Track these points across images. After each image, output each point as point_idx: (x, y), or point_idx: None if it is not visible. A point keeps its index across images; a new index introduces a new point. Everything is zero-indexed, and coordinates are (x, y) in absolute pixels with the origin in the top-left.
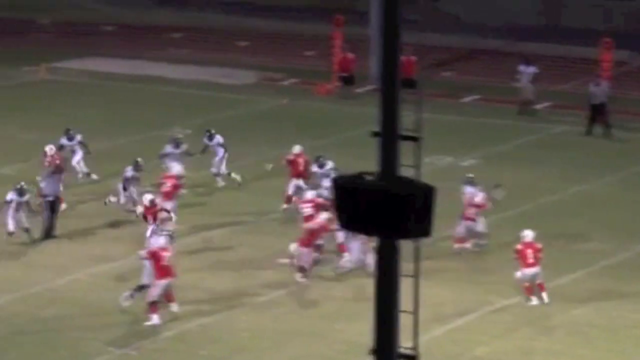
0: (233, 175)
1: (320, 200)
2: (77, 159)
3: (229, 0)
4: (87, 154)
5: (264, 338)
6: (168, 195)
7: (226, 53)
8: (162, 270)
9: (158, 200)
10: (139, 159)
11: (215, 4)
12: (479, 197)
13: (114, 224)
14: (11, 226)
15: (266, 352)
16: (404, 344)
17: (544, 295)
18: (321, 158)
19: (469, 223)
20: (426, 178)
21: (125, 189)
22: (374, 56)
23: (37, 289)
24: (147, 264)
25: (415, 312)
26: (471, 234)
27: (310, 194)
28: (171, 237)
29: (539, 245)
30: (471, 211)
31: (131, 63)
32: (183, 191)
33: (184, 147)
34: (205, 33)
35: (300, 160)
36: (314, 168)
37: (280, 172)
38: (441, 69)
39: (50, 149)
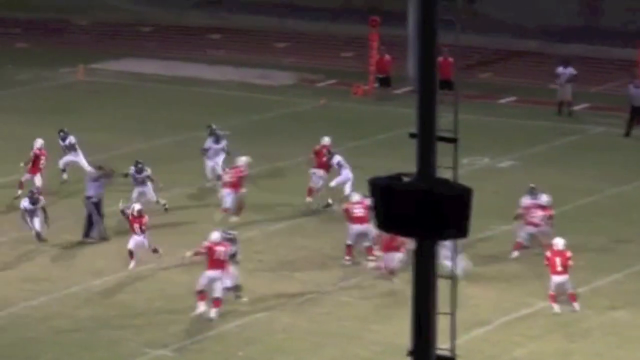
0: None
1: (369, 201)
2: (66, 159)
3: (266, 2)
4: (75, 153)
5: (301, 339)
6: (234, 186)
7: (264, 54)
8: (213, 263)
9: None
10: (139, 160)
11: (252, 5)
12: (544, 198)
13: (151, 226)
14: (34, 230)
15: (303, 353)
16: (442, 345)
17: (575, 304)
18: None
19: (530, 228)
20: (463, 179)
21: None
22: (411, 57)
23: (74, 289)
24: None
25: (452, 314)
26: (534, 238)
27: (357, 196)
28: (234, 239)
29: (568, 254)
30: (536, 214)
31: (168, 64)
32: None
33: (224, 142)
34: (242, 34)
35: (325, 152)
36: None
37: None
38: (478, 70)
39: (36, 142)
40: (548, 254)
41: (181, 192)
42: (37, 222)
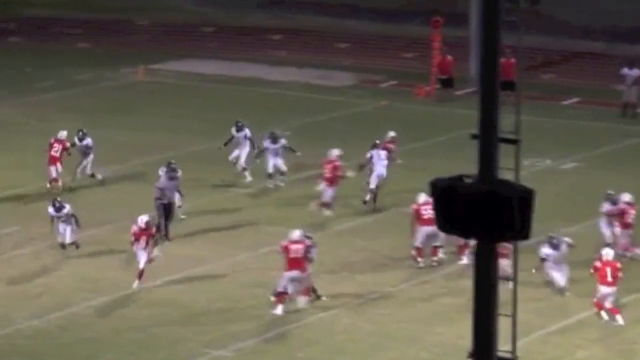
0: (247, 173)
1: None
2: (86, 162)
3: (328, 2)
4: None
5: (362, 341)
6: (331, 181)
7: (325, 55)
8: (290, 263)
9: (323, 187)
10: (172, 161)
11: (314, 5)
12: (626, 197)
13: (210, 227)
14: (59, 238)
15: (363, 354)
16: (503, 347)
17: (619, 317)
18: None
19: (627, 231)
20: (525, 181)
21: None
22: (473, 58)
23: (134, 290)
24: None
25: (513, 316)
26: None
27: (424, 197)
28: (312, 242)
29: (618, 265)
30: (630, 214)
31: (230, 65)
32: (350, 173)
33: (282, 141)
34: (304, 35)
35: (392, 147)
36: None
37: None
38: (542, 71)
39: (61, 133)
40: (598, 264)
41: (241, 192)
42: (66, 231)
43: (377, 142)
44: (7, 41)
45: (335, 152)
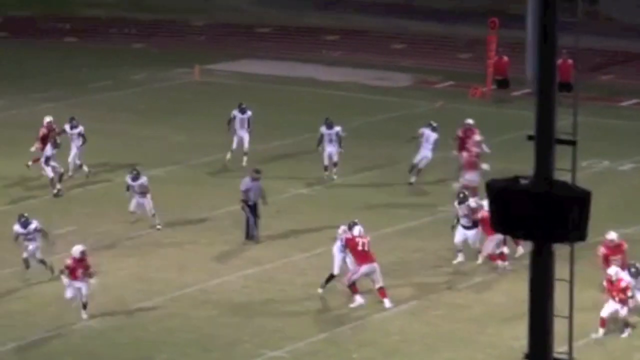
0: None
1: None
2: (74, 152)
3: (384, 3)
4: (82, 146)
5: (416, 342)
6: (470, 166)
7: (381, 55)
8: (360, 256)
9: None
10: (136, 167)
11: (370, 6)
12: None
13: (266, 228)
14: (25, 254)
15: (418, 356)
16: (559, 348)
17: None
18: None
19: None
20: (582, 182)
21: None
22: (529, 59)
23: (189, 290)
24: (337, 255)
25: (570, 317)
26: None
27: (474, 203)
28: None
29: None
30: None
31: (285, 65)
32: (484, 166)
33: (337, 128)
34: (360, 35)
35: (461, 135)
36: None
37: (437, 175)
38: (600, 72)
39: (48, 118)
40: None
41: (296, 193)
42: (31, 247)
43: (432, 122)
44: (63, 41)
45: (476, 137)
